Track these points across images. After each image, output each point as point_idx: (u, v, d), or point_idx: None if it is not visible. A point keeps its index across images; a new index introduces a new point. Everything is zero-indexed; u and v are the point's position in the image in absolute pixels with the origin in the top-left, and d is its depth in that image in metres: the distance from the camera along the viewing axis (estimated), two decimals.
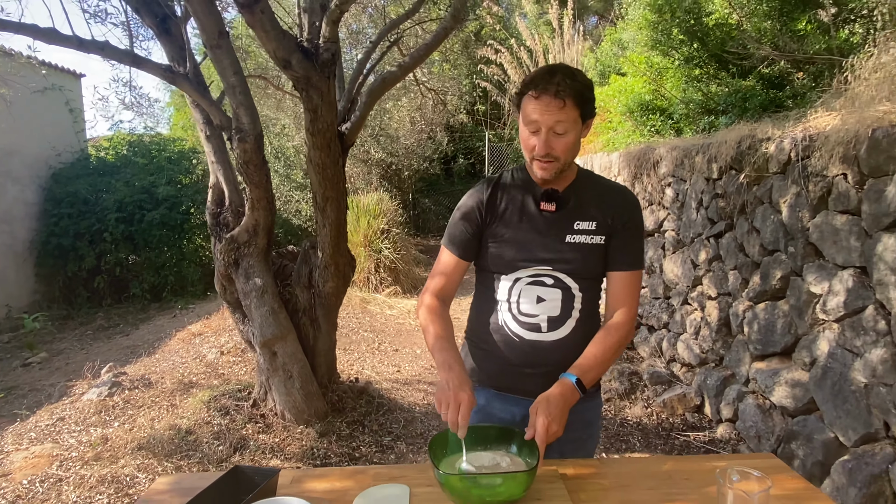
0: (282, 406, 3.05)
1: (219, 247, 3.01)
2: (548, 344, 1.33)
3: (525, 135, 1.28)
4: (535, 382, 1.31)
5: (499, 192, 1.37)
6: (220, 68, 2.40)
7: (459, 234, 1.38)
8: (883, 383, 2.17)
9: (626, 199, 1.37)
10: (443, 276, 1.40)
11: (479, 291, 1.45)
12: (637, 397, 3.52)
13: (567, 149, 1.25)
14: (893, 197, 2.16)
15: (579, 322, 1.34)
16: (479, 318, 1.43)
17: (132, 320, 7.76)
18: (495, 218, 1.36)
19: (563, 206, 1.33)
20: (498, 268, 1.36)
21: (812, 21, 4.02)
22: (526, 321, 1.33)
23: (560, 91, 1.19)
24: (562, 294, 1.32)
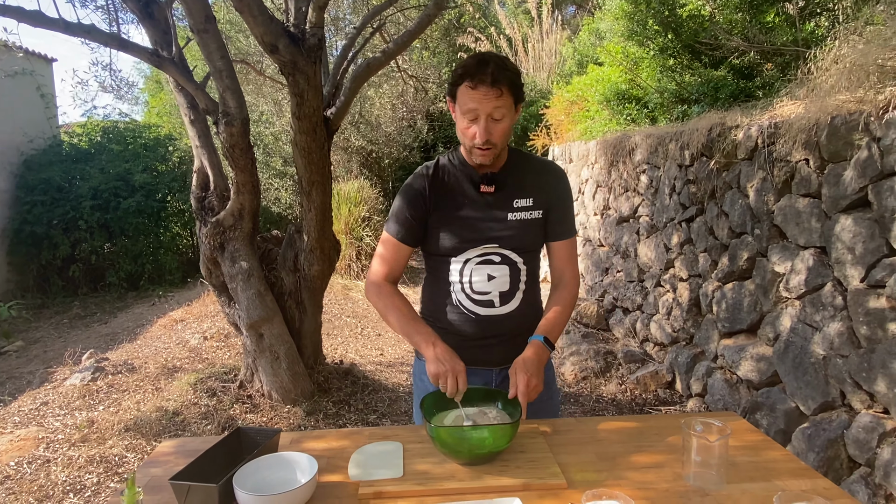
0: (269, 386, 3.12)
1: (204, 230, 3.04)
2: (501, 317, 1.42)
3: (463, 125, 1.33)
4: (491, 352, 1.45)
5: (439, 178, 1.43)
6: (206, 52, 2.43)
7: (404, 220, 1.42)
8: (840, 355, 2.32)
9: (556, 175, 1.48)
10: (389, 262, 1.45)
11: (431, 275, 1.51)
12: (612, 375, 3.66)
13: (503, 134, 1.34)
14: (850, 181, 2.31)
15: (525, 293, 1.44)
16: (433, 301, 1.49)
17: (109, 309, 7.69)
18: (438, 203, 1.41)
19: (501, 188, 1.41)
20: (447, 251, 1.42)
21: (780, 14, 4.17)
22: (480, 299, 1.42)
23: (496, 80, 1.26)
24: (509, 270, 1.41)
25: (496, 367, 1.47)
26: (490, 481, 1.10)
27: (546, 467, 1.14)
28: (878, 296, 2.17)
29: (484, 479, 1.11)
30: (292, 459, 1.12)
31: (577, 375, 3.68)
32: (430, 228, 1.42)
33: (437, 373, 1.23)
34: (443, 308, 1.46)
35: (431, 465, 1.16)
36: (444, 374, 1.22)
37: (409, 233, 1.43)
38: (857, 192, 2.29)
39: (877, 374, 2.13)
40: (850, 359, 2.27)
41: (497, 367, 1.47)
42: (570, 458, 1.19)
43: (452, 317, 1.44)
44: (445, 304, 1.45)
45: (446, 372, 1.22)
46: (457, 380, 1.21)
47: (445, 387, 1.21)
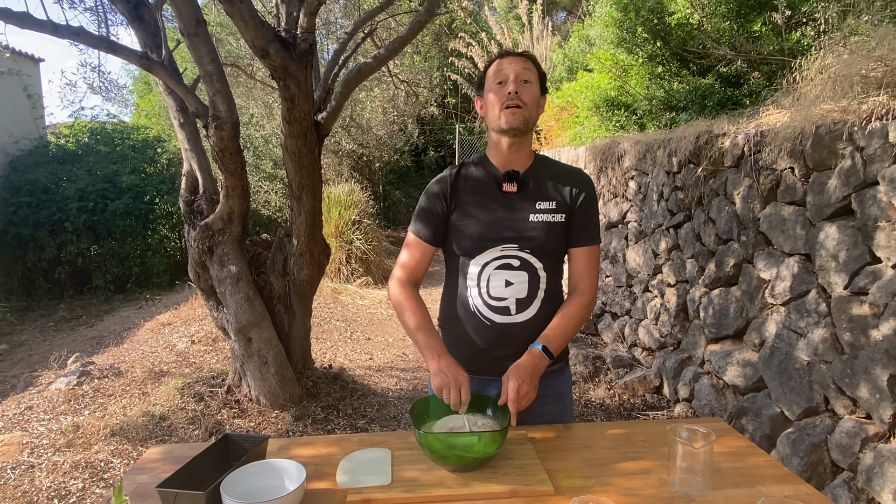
0: (257, 391, 3.10)
1: (193, 234, 3.03)
2: (517, 326, 1.41)
3: (493, 92, 1.37)
4: (505, 363, 1.41)
5: (462, 179, 1.45)
6: (196, 56, 2.42)
7: (427, 219, 1.44)
8: (823, 361, 2.36)
9: (582, 179, 1.47)
10: (412, 262, 1.46)
11: (450, 279, 1.51)
12: (600, 380, 3.68)
13: (533, 99, 1.37)
14: (834, 189, 2.35)
15: (544, 302, 1.43)
16: (451, 306, 1.49)
17: (96, 312, 7.61)
18: (460, 202, 1.42)
19: (524, 188, 1.41)
20: (465, 250, 1.42)
21: (766, 23, 4.23)
22: (496, 305, 1.41)
23: (522, 54, 1.38)
24: (528, 276, 1.40)
25: None
26: (478, 488, 1.10)
27: (534, 474, 1.14)
28: (860, 303, 2.21)
29: (472, 485, 1.11)
30: (280, 466, 1.12)
31: None
32: (451, 227, 1.43)
33: (440, 385, 1.23)
34: (460, 315, 1.46)
35: (420, 472, 1.16)
36: (447, 386, 1.22)
37: (432, 232, 1.44)
38: (840, 200, 2.32)
39: (859, 379, 2.16)
40: (834, 365, 2.30)
41: None
42: (558, 465, 1.20)
43: (469, 323, 1.44)
44: (462, 311, 1.45)
45: (449, 383, 1.22)
46: (460, 391, 1.21)
47: (449, 398, 1.21)
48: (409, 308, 1.41)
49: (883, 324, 2.07)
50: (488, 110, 1.41)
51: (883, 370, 2.06)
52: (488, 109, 1.41)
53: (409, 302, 1.42)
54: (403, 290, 1.44)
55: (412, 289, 1.45)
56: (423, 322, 1.38)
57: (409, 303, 1.42)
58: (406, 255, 1.47)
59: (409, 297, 1.43)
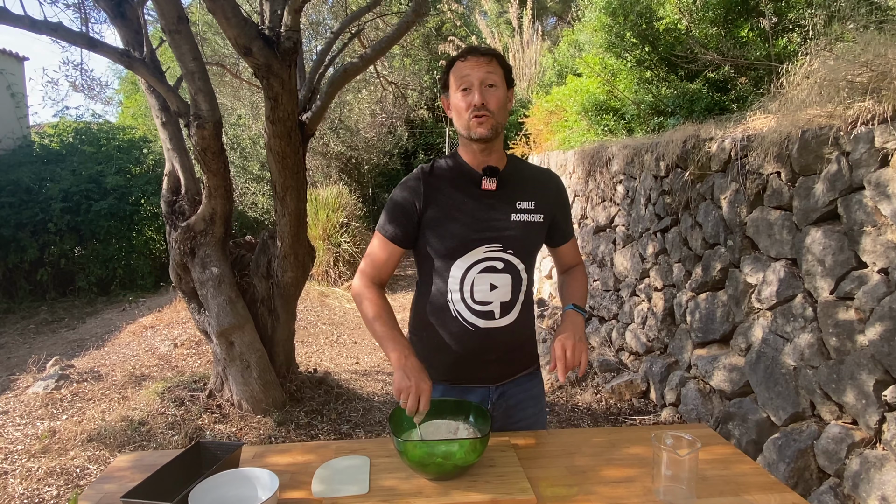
0: (239, 396, 3.04)
1: (174, 235, 2.97)
2: (500, 329, 1.37)
3: (458, 98, 1.33)
4: (488, 368, 1.39)
5: (436, 177, 1.39)
6: (178, 54, 2.37)
7: (397, 219, 1.37)
8: (810, 366, 2.35)
9: (555, 181, 1.48)
10: (378, 262, 1.39)
11: (423, 283, 1.44)
12: (587, 384, 3.66)
13: (499, 103, 1.32)
14: (820, 194, 2.35)
15: (523, 305, 1.40)
16: (427, 312, 1.42)
17: (78, 314, 7.48)
18: (436, 201, 1.36)
19: (502, 187, 1.37)
20: (447, 251, 1.35)
21: (754, 28, 4.26)
22: (480, 309, 1.36)
23: (485, 52, 1.33)
24: (511, 279, 1.36)
25: (493, 385, 1.42)
26: (458, 497, 1.07)
27: (515, 482, 1.11)
28: (846, 308, 2.20)
29: (452, 494, 1.08)
30: (253, 475, 1.07)
31: (553, 385, 3.67)
32: (428, 228, 1.36)
33: (400, 387, 1.17)
34: (437, 321, 1.39)
35: (399, 481, 1.13)
36: (406, 390, 1.15)
37: (399, 233, 1.37)
38: (826, 205, 2.32)
39: (846, 385, 2.15)
40: (820, 370, 2.29)
41: (494, 384, 1.42)
42: (541, 472, 1.17)
43: (448, 330, 1.38)
44: (440, 317, 1.39)
45: (409, 388, 1.15)
46: (419, 400, 1.15)
47: (405, 402, 1.15)
48: (368, 297, 1.36)
49: (869, 329, 2.07)
50: (455, 115, 1.36)
51: (869, 375, 2.05)
52: (455, 114, 1.36)
53: (370, 292, 1.37)
54: (367, 283, 1.39)
55: (378, 289, 1.39)
56: (383, 313, 1.33)
57: (370, 292, 1.37)
58: (372, 256, 1.41)
59: (372, 289, 1.38)
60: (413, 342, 1.47)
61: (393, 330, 1.30)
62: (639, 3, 4.84)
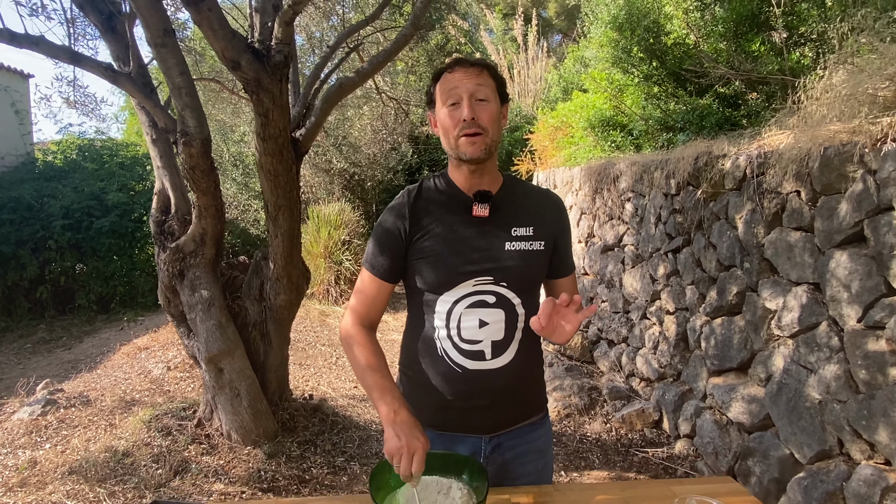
0: (228, 426, 2.89)
1: (163, 256, 2.85)
2: (492, 372, 1.21)
3: (445, 114, 1.18)
4: (479, 416, 1.23)
5: (422, 203, 1.24)
6: (164, 68, 2.27)
7: (381, 253, 1.24)
8: (837, 400, 2.18)
9: (557, 204, 1.32)
10: (366, 301, 1.26)
11: (413, 317, 1.31)
12: (596, 412, 3.48)
13: (491, 119, 1.17)
14: (845, 214, 2.19)
15: (522, 344, 1.24)
16: (414, 349, 1.28)
17: (76, 333, 7.37)
18: (422, 230, 1.22)
19: (495, 212, 1.23)
20: (432, 285, 1.22)
21: (765, 43, 4.13)
22: (468, 349, 1.21)
23: (475, 63, 1.19)
24: (505, 315, 1.21)
25: (486, 435, 1.26)
26: None
27: None
28: (877, 338, 2.03)
29: None
30: None
31: (560, 413, 3.49)
32: (412, 260, 1.23)
33: (390, 450, 1.03)
34: (425, 360, 1.25)
35: None
36: (397, 452, 1.01)
37: (388, 267, 1.24)
38: (852, 226, 2.17)
39: (878, 422, 1.98)
40: (849, 405, 2.12)
41: (487, 434, 1.26)
42: None
43: (435, 370, 1.23)
44: (428, 355, 1.25)
45: (401, 448, 1.01)
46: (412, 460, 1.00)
47: (398, 467, 1.01)
48: (360, 342, 1.22)
49: None
50: (442, 133, 1.21)
51: None
52: (442, 132, 1.21)
53: (360, 335, 1.23)
54: (356, 326, 1.25)
55: (367, 332, 1.25)
56: (375, 360, 1.19)
57: (360, 336, 1.23)
58: (359, 295, 1.27)
59: (363, 332, 1.24)
60: (402, 381, 1.33)
61: (384, 380, 1.15)
62: (646, 18, 4.74)
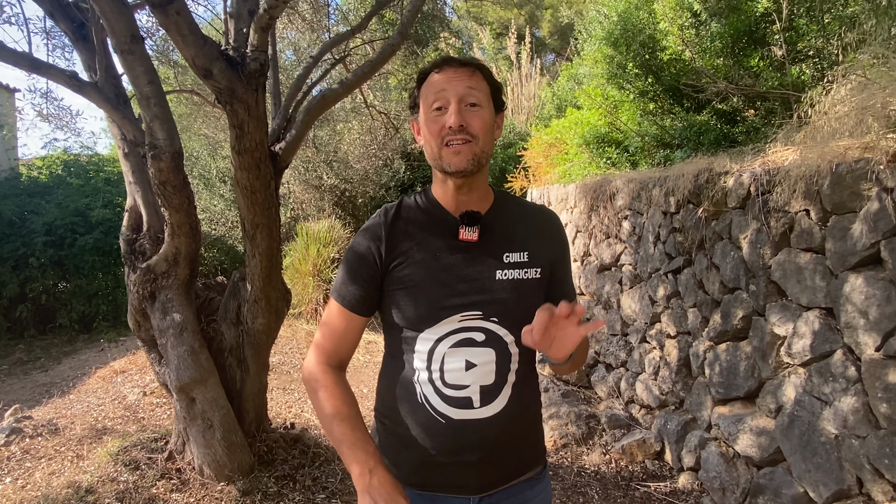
0: (200, 460, 2.69)
1: (133, 277, 2.67)
2: (481, 422, 1.04)
3: (430, 119, 1.02)
4: (466, 474, 1.05)
5: (401, 224, 1.08)
6: (132, 76, 2.12)
7: (353, 280, 1.07)
8: (855, 435, 2.01)
9: (554, 224, 1.16)
10: (333, 337, 1.09)
11: (390, 357, 1.14)
12: (595, 443, 3.30)
13: (484, 127, 1.01)
14: (860, 235, 2.05)
15: (516, 388, 1.07)
16: (391, 394, 1.11)
17: (55, 354, 7.12)
18: (400, 256, 1.05)
19: (487, 235, 1.07)
20: (411, 321, 1.05)
21: (765, 58, 4.04)
22: (453, 395, 1.04)
23: (466, 63, 1.03)
24: (496, 354, 1.05)
25: (475, 495, 1.09)
26: None
27: None
28: None
29: None
30: None
31: (556, 443, 3.31)
32: (389, 291, 1.06)
33: None
34: (403, 407, 1.08)
35: None
36: None
37: (360, 298, 1.07)
38: (867, 248, 2.02)
39: None
40: (869, 441, 1.95)
41: (476, 494, 1.09)
42: None
43: (415, 420, 1.06)
44: (407, 402, 1.08)
45: None
46: None
47: None
48: (326, 385, 1.04)
49: None
50: (426, 143, 1.05)
51: None
52: (426, 142, 1.05)
53: (327, 378, 1.05)
54: (322, 366, 1.08)
55: (335, 374, 1.08)
56: (345, 408, 1.02)
57: (326, 378, 1.05)
58: (327, 329, 1.10)
59: (329, 374, 1.06)
60: (378, 430, 1.15)
61: (355, 432, 0.98)
62: (641, 34, 4.65)
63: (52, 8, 2.70)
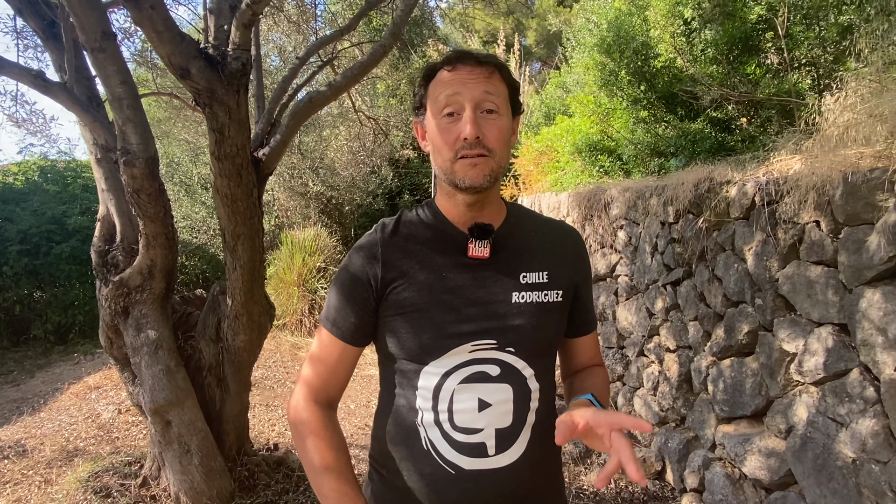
0: (176, 486, 2.51)
1: (105, 291, 2.50)
2: (496, 473, 0.90)
3: (441, 126, 0.88)
4: None
5: (400, 241, 0.94)
6: (103, 76, 1.96)
7: (346, 306, 0.93)
8: (875, 460, 1.90)
9: (575, 239, 1.03)
10: (324, 371, 0.95)
11: (387, 394, 0.98)
12: (593, 461, 3.17)
13: (502, 138, 0.89)
14: (877, 248, 1.95)
15: (536, 432, 0.93)
16: (390, 437, 0.96)
17: (29, 367, 6.84)
18: (400, 277, 0.91)
19: (501, 252, 0.93)
20: (412, 352, 0.91)
21: (761, 66, 3.98)
22: (465, 441, 0.89)
23: (483, 61, 0.89)
24: (513, 391, 0.90)
25: None
26: None
27: None
28: None
29: None
30: None
31: None
32: (386, 317, 0.92)
33: None
34: (402, 454, 0.93)
35: None
36: None
37: (355, 326, 0.93)
38: (885, 261, 1.92)
39: None
40: (891, 466, 1.85)
41: None
42: None
43: (418, 470, 0.91)
44: (407, 448, 0.93)
45: None
46: None
47: None
48: (314, 430, 0.90)
49: None
50: (434, 151, 0.92)
51: None
52: (434, 150, 0.92)
53: (315, 421, 0.91)
54: (311, 405, 0.93)
55: (323, 414, 0.93)
56: (334, 459, 0.88)
57: (315, 422, 0.91)
58: (316, 361, 0.96)
59: (319, 417, 0.92)
60: (372, 480, 1.00)
61: (346, 486, 0.85)
62: (634, 41, 4.58)
63: (20, 5, 2.54)
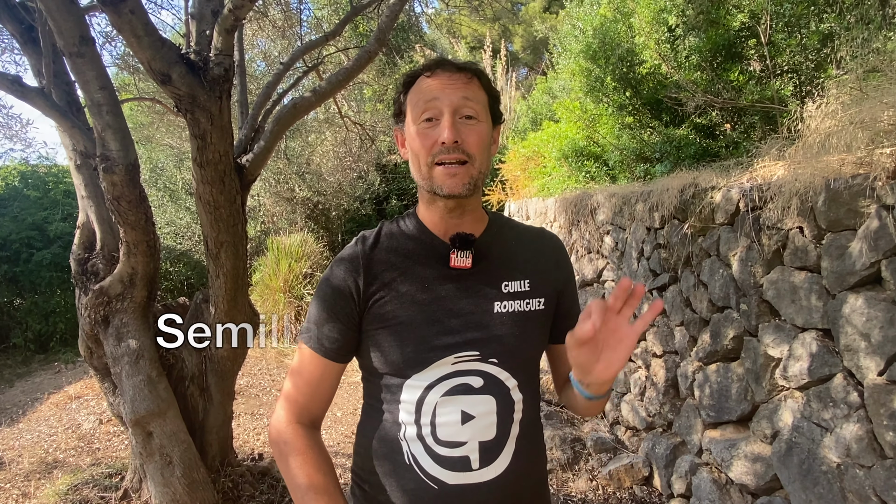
0: (158, 499, 2.46)
1: (84, 300, 2.45)
2: (480, 487, 0.89)
3: (419, 132, 0.88)
4: None
5: (381, 253, 0.93)
6: (82, 81, 1.92)
7: (328, 320, 0.92)
8: (859, 465, 1.91)
9: (555, 246, 1.03)
10: (306, 389, 0.94)
11: (370, 408, 0.97)
12: (581, 468, 3.16)
13: (481, 144, 0.88)
14: (859, 254, 1.97)
15: (520, 444, 0.92)
16: (372, 452, 0.94)
17: (8, 376, 6.71)
18: (382, 289, 0.90)
19: (482, 262, 0.93)
20: (395, 367, 0.90)
21: (744, 72, 4.02)
22: (448, 455, 0.88)
23: (463, 68, 0.89)
24: (496, 403, 0.90)
25: None
26: None
27: None
28: None
29: None
30: None
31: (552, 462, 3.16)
32: (369, 330, 0.91)
33: None
34: (385, 469, 0.92)
35: None
36: None
37: (337, 342, 0.92)
38: (867, 267, 1.94)
39: None
40: (875, 471, 1.86)
41: None
42: None
43: (401, 485, 0.90)
44: (390, 463, 0.92)
45: None
46: None
47: None
48: (297, 449, 0.88)
49: None
50: (412, 157, 0.91)
51: None
52: (412, 156, 0.91)
53: (298, 440, 0.89)
54: (294, 427, 0.91)
55: (306, 433, 0.91)
56: (319, 478, 0.86)
57: (298, 441, 0.89)
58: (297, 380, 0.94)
59: (302, 436, 0.90)
60: (355, 496, 0.98)
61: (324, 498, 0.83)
62: (620, 47, 4.61)
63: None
